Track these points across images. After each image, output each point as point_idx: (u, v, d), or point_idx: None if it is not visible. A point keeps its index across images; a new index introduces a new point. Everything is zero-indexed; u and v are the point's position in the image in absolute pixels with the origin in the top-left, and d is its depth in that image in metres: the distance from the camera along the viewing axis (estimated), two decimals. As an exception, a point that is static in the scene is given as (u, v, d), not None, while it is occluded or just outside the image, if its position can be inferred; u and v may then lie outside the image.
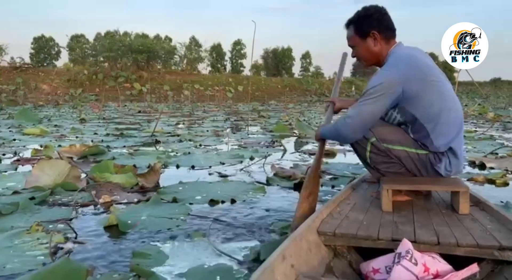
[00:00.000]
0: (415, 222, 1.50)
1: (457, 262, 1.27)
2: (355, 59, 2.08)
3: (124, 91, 28.47)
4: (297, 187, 2.81)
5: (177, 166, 3.62)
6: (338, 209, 1.71)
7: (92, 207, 2.41)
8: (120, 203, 2.46)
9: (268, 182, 3.05)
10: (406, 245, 1.23)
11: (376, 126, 1.86)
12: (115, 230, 2.00)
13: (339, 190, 2.68)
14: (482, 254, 1.26)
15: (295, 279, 1.15)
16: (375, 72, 1.94)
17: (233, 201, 2.48)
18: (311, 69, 57.08)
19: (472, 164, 3.72)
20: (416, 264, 1.17)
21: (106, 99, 22.39)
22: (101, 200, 2.47)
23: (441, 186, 1.82)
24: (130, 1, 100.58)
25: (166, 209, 2.31)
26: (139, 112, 13.17)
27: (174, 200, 2.46)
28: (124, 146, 4.93)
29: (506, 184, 2.95)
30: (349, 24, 1.98)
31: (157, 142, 5.38)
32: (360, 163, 2.15)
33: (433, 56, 71.18)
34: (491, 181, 3.01)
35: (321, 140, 2.10)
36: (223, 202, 2.47)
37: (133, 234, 1.94)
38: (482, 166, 3.59)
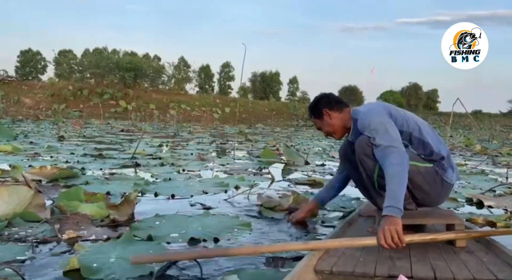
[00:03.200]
0: (411, 256, 1.51)
1: None
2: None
3: (109, 108, 28.06)
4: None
5: (155, 194, 3.32)
6: None
7: (54, 243, 2.07)
8: (87, 240, 2.14)
9: (255, 215, 2.78)
10: None
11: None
12: (76, 277, 1.67)
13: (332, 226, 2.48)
14: None
15: None
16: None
17: (216, 240, 2.18)
18: (298, 93, 57.63)
19: (469, 201, 3.52)
20: None
21: (90, 115, 21.95)
22: (64, 236, 2.14)
23: (436, 218, 1.86)
24: (120, 21, 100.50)
25: (138, 248, 1.99)
26: (122, 130, 12.82)
27: (149, 238, 2.15)
28: (101, 169, 4.60)
29: (507, 227, 2.74)
30: (309, 113, 2.38)
31: (137, 165, 5.06)
32: (350, 194, 2.21)
33: (417, 86, 72.87)
34: (492, 224, 2.80)
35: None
36: (204, 240, 2.17)
37: None
38: (479, 204, 3.40)
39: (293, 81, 58.29)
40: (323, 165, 6.04)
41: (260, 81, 54.04)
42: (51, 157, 5.52)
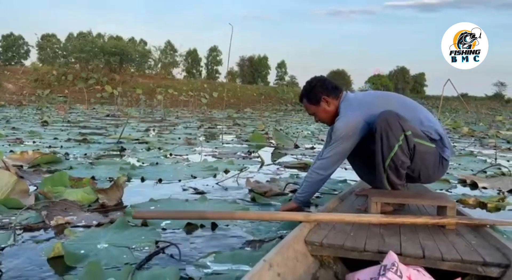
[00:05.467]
0: (401, 235, 1.52)
1: (442, 276, 1.28)
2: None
3: (94, 93, 27.57)
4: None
5: (142, 179, 3.21)
6: None
7: (42, 231, 1.96)
8: (77, 226, 2.03)
9: (248, 200, 2.70)
10: (392, 257, 1.23)
11: (408, 122, 1.94)
12: (60, 264, 1.57)
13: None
14: (466, 269, 1.27)
15: None
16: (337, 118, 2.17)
17: (214, 226, 2.08)
18: (286, 78, 57.41)
19: (462, 182, 3.50)
20: (401, 277, 1.17)
21: (75, 101, 21.54)
22: (53, 223, 2.03)
23: (428, 200, 1.86)
24: (105, 3, 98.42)
25: (131, 235, 1.90)
26: (108, 116, 12.57)
27: (144, 224, 2.05)
28: (85, 154, 4.46)
29: (497, 209, 2.72)
30: (302, 98, 2.31)
31: (123, 149, 4.93)
32: (336, 177, 2.29)
33: (404, 70, 73.34)
34: (483, 205, 2.77)
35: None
36: (202, 226, 2.06)
37: (81, 270, 1.51)
38: (473, 186, 3.37)
39: (281, 66, 58.02)
40: (312, 148, 5.99)
41: (248, 65, 53.64)
42: (34, 142, 5.35)
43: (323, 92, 2.21)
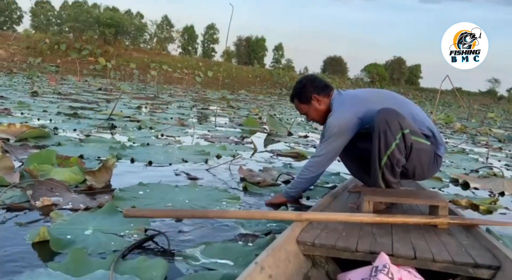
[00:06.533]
0: (393, 234, 1.51)
1: (433, 277, 1.28)
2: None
3: (87, 65, 27.11)
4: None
5: (132, 160, 3.14)
6: None
7: (26, 211, 1.89)
8: (63, 208, 1.96)
9: (240, 189, 2.65)
10: (383, 259, 1.23)
11: (406, 120, 1.92)
12: (45, 249, 1.51)
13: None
14: (457, 271, 1.27)
15: None
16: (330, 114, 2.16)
17: None
18: (283, 61, 57.00)
19: (454, 182, 3.49)
20: (392, 278, 1.17)
21: (67, 71, 21.16)
22: (38, 203, 1.96)
23: (421, 199, 1.87)
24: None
25: (119, 221, 1.83)
26: (100, 89, 12.38)
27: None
28: (75, 130, 4.36)
29: (489, 211, 2.71)
30: (293, 98, 2.31)
31: (114, 127, 4.84)
32: (329, 169, 2.29)
33: (401, 61, 73.32)
34: (475, 207, 2.76)
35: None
36: (190, 218, 2.01)
37: (65, 256, 1.45)
38: (465, 185, 3.37)
39: (279, 48, 57.51)
40: (306, 136, 5.95)
41: (245, 46, 53.04)
42: (22, 114, 5.22)
43: (313, 91, 2.21)
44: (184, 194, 2.33)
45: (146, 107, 8.01)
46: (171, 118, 6.45)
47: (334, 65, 65.80)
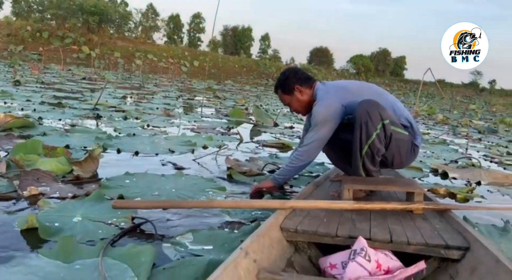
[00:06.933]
0: (371, 220, 1.59)
1: (407, 259, 1.35)
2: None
3: (71, 53, 26.61)
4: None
5: (118, 151, 3.15)
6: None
7: (14, 201, 1.91)
8: (51, 198, 1.99)
9: (225, 178, 2.70)
10: (361, 242, 1.29)
11: (386, 111, 2.01)
12: (34, 237, 1.54)
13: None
14: (430, 252, 1.35)
15: (257, 274, 1.19)
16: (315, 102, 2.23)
17: None
18: (269, 52, 56.84)
19: (434, 171, 3.60)
20: (369, 261, 1.23)
21: (50, 60, 20.75)
22: (26, 193, 1.98)
23: (398, 186, 1.94)
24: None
25: (107, 209, 1.87)
26: (84, 78, 12.21)
27: (120, 198, 2.03)
28: (60, 120, 4.34)
29: (466, 200, 2.82)
30: (276, 89, 2.38)
31: (99, 117, 4.82)
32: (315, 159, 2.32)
33: (386, 52, 73.69)
34: (452, 195, 2.87)
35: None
36: (177, 208, 2.06)
37: (54, 244, 1.49)
38: (444, 175, 3.48)
39: (265, 38, 57.30)
40: (291, 127, 6.01)
41: (231, 35, 52.67)
42: (5, 103, 5.16)
43: (296, 81, 2.29)
44: (171, 183, 2.37)
45: (131, 97, 7.96)
46: (157, 109, 6.44)
47: (321, 56, 65.93)
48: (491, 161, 4.62)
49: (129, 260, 1.42)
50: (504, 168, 4.23)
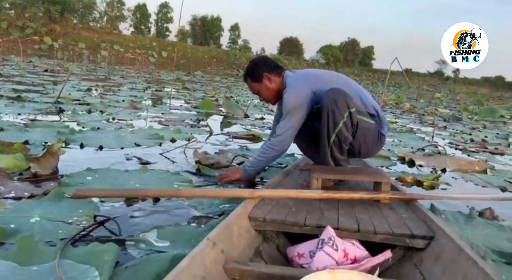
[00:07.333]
0: (339, 209, 1.60)
1: (374, 247, 1.36)
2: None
3: (32, 44, 25.54)
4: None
5: (81, 146, 3.03)
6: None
7: None
8: (6, 198, 1.87)
9: (193, 172, 2.63)
10: (329, 232, 1.30)
11: (353, 100, 2.02)
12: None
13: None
14: (396, 241, 1.36)
15: (224, 264, 1.17)
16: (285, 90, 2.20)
17: (156, 198, 2.00)
18: (239, 42, 56.53)
19: (401, 160, 3.66)
20: (336, 250, 1.24)
21: (9, 51, 19.83)
22: None
23: (365, 176, 1.96)
24: None
25: (67, 208, 1.78)
26: (46, 70, 11.73)
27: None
28: (19, 114, 4.13)
29: (432, 187, 2.88)
30: (246, 77, 2.36)
31: (61, 111, 4.63)
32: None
33: (354, 42, 74.72)
34: (419, 183, 2.92)
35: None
36: (144, 199, 1.98)
37: (11, 246, 1.41)
38: (411, 163, 3.54)
39: (235, 28, 56.89)
40: (262, 118, 5.98)
41: (200, 25, 51.97)
42: (-41, 97, 4.87)
43: (265, 69, 2.27)
44: (135, 179, 2.29)
45: (96, 90, 7.70)
46: (123, 101, 6.25)
47: (291, 46, 66.15)
48: (455, 149, 4.76)
49: (92, 259, 1.35)
50: (468, 155, 4.36)
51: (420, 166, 3.47)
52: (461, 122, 8.59)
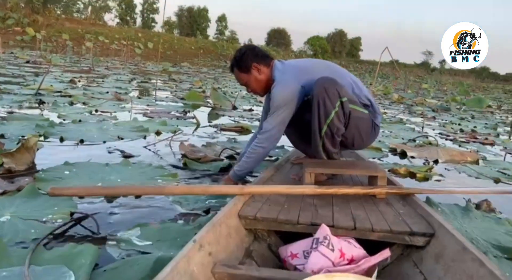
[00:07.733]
0: (334, 205, 1.52)
1: (371, 245, 1.30)
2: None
3: (14, 35, 24.91)
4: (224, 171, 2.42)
5: (61, 139, 2.88)
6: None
7: None
8: None
9: (181, 166, 2.51)
10: (324, 230, 1.23)
11: (344, 89, 1.92)
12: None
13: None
14: (394, 239, 1.30)
15: (212, 268, 1.10)
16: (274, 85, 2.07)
17: (137, 196, 1.88)
18: (227, 33, 56.11)
19: (393, 151, 3.59)
20: (332, 250, 1.17)
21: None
22: None
23: (360, 170, 1.90)
24: None
25: (42, 205, 1.67)
26: (28, 62, 11.42)
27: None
28: (-4, 106, 3.96)
29: (426, 179, 2.82)
30: (232, 68, 2.18)
31: (42, 103, 4.45)
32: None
33: (342, 33, 74.84)
34: (412, 175, 2.86)
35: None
36: (124, 196, 1.87)
37: None
38: (403, 155, 3.48)
39: (222, 19, 56.40)
40: (250, 110, 5.87)
41: (187, 16, 51.38)
42: None
43: (253, 59, 2.11)
44: (116, 173, 2.17)
45: (79, 81, 7.48)
46: (107, 93, 6.07)
47: (278, 37, 65.91)
48: (446, 139, 4.73)
49: (67, 262, 1.26)
50: (459, 145, 4.32)
51: (412, 157, 3.41)
52: (449, 112, 8.59)
